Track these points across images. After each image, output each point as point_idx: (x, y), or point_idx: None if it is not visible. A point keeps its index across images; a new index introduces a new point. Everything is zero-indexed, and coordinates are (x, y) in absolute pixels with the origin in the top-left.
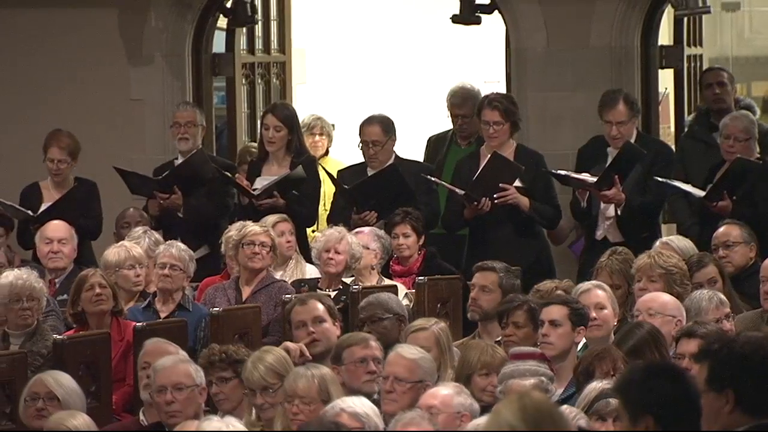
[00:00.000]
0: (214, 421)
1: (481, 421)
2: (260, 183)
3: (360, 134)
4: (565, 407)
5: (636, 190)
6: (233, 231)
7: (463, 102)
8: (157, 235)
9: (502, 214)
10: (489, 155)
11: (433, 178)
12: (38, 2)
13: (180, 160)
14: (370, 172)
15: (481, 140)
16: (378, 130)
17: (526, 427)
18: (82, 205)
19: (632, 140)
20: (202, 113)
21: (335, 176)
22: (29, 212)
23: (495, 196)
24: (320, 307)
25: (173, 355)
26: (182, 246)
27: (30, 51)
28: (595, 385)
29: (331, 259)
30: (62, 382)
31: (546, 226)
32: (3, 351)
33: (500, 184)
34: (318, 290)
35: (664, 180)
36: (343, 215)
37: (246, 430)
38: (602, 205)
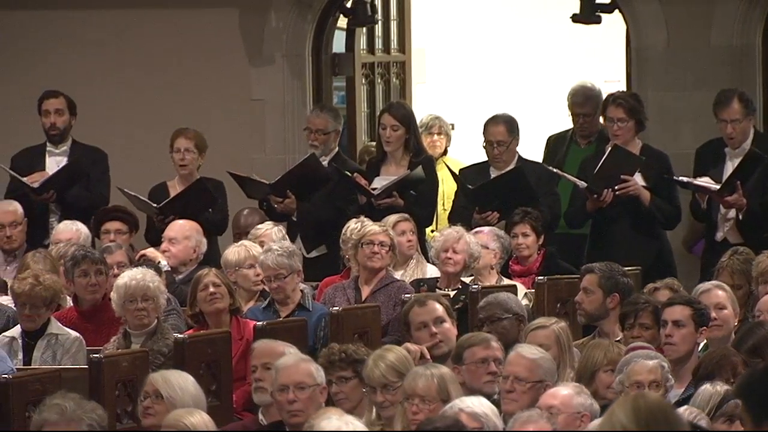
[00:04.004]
0: (333, 420)
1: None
2: (378, 183)
3: (484, 134)
4: (685, 408)
5: (756, 192)
6: (350, 229)
7: (584, 101)
8: (284, 231)
9: (623, 210)
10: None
11: (555, 170)
12: (161, 3)
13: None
14: (493, 172)
15: (601, 139)
16: (503, 130)
17: (638, 428)
18: (205, 199)
19: (749, 139)
20: (336, 118)
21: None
22: (152, 203)
23: (617, 187)
24: (439, 307)
25: (293, 354)
26: (276, 249)
27: (153, 52)
28: (709, 387)
29: (449, 258)
30: (171, 380)
31: (665, 225)
32: (124, 350)
33: (622, 176)
34: (437, 290)
35: None
36: (464, 214)
37: (365, 429)
38: (722, 207)
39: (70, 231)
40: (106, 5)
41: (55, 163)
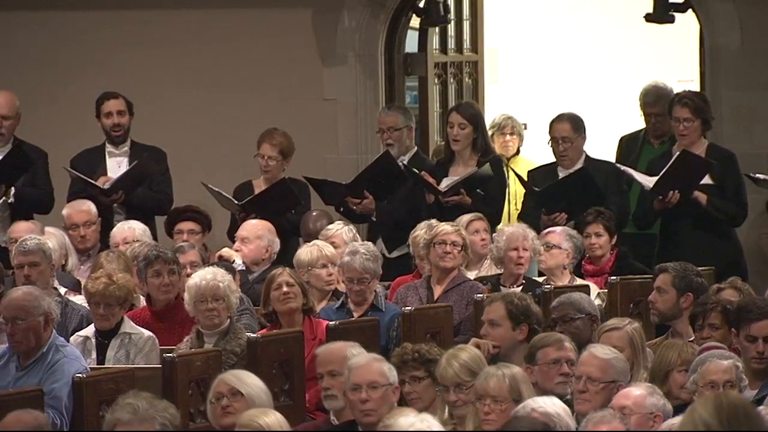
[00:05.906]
0: (410, 417)
1: (676, 420)
2: (446, 183)
3: (550, 131)
4: (761, 407)
5: None
6: (420, 231)
7: (656, 101)
8: (355, 231)
9: (690, 210)
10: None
11: (623, 167)
12: (233, 3)
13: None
14: (561, 172)
15: (674, 139)
16: (568, 127)
17: (721, 427)
18: (288, 199)
19: None
20: (405, 114)
21: (524, 177)
22: (235, 200)
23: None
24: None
25: (366, 353)
26: (364, 253)
27: (224, 52)
28: None
29: (521, 257)
30: (244, 378)
31: (730, 223)
32: (197, 349)
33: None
34: (501, 287)
35: None
36: (533, 215)
37: (441, 428)
38: None
39: (123, 231)
40: (179, 5)
41: (115, 163)
